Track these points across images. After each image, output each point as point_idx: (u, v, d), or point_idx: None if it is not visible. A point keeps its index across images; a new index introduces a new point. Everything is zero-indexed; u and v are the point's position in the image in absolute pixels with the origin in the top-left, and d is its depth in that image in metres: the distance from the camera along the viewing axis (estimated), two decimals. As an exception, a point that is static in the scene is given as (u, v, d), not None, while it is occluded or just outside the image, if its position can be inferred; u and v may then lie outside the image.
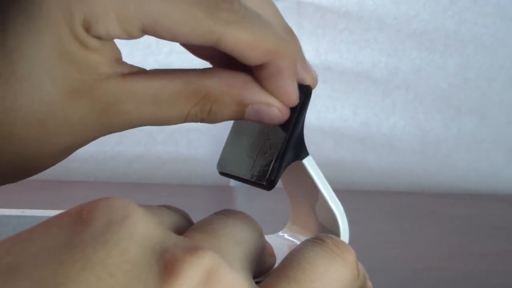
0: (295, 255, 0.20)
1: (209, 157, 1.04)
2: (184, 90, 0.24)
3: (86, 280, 0.16)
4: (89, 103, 0.23)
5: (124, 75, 0.24)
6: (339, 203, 0.27)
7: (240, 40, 0.23)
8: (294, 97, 0.25)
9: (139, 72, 0.24)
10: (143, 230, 0.17)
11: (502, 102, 1.08)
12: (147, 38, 0.24)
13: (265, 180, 0.25)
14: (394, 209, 0.87)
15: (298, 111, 0.25)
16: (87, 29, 0.22)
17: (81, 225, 0.17)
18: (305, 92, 0.25)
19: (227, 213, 0.21)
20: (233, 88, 0.24)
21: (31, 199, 0.73)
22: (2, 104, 0.22)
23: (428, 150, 1.07)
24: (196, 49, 0.27)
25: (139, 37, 0.23)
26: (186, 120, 0.25)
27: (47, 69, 0.22)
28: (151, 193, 0.93)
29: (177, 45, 0.26)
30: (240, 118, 0.25)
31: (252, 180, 0.26)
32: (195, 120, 0.25)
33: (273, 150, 0.25)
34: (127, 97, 0.23)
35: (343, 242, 0.21)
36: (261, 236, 0.22)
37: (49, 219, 0.18)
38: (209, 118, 0.25)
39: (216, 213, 0.22)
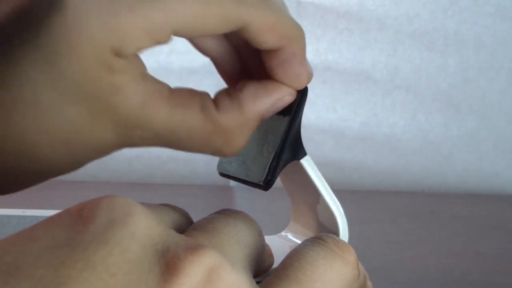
0: (295, 255, 0.20)
1: (209, 157, 1.03)
2: (202, 129, 0.24)
3: (87, 280, 0.15)
4: (112, 124, 0.23)
5: (145, 99, 0.23)
6: (337, 202, 0.27)
7: (263, 22, 0.23)
8: (305, 80, 0.25)
9: (161, 97, 0.23)
10: (144, 229, 0.17)
11: (502, 102, 1.08)
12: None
13: (262, 180, 0.25)
14: (394, 209, 0.87)
15: (295, 111, 0.25)
16: (117, 53, 0.21)
17: (82, 224, 0.17)
18: (301, 91, 0.25)
19: (227, 213, 0.21)
20: (252, 119, 0.24)
21: (31, 199, 0.73)
22: (26, 133, 0.22)
23: (428, 150, 1.07)
24: (202, 45, 0.26)
25: (167, 42, 0.23)
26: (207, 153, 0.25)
27: (72, 98, 0.22)
28: (151, 193, 0.93)
29: (178, 45, 0.26)
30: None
31: (250, 180, 0.26)
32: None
33: (271, 151, 0.25)
34: (147, 125, 0.23)
35: (343, 242, 0.21)
36: (260, 235, 0.22)
37: (49, 218, 0.18)
38: (227, 149, 0.25)
39: (217, 213, 0.22)
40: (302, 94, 0.25)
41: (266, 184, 0.25)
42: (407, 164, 1.07)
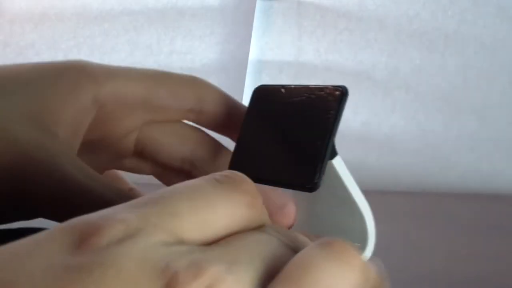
0: (299, 257, 0.20)
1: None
2: None
3: None
4: None
5: None
6: (367, 205, 0.26)
7: None
8: None
9: None
10: (143, 249, 0.17)
11: (502, 102, 1.08)
12: (147, 38, 0.24)
13: (310, 183, 0.24)
14: (394, 209, 0.87)
15: (337, 111, 0.25)
16: None
17: (80, 245, 0.17)
18: (341, 91, 0.25)
19: (264, 229, 0.22)
20: None
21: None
22: None
23: (428, 150, 1.07)
24: None
25: None
26: None
27: None
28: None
29: (177, 45, 0.26)
30: None
31: (293, 183, 0.25)
32: None
33: (310, 151, 0.25)
34: None
35: (351, 246, 0.21)
36: (287, 249, 0.22)
37: (50, 232, 0.18)
38: None
39: (256, 229, 0.22)
40: (343, 94, 0.25)
41: (314, 186, 0.25)
42: (407, 164, 1.06)
